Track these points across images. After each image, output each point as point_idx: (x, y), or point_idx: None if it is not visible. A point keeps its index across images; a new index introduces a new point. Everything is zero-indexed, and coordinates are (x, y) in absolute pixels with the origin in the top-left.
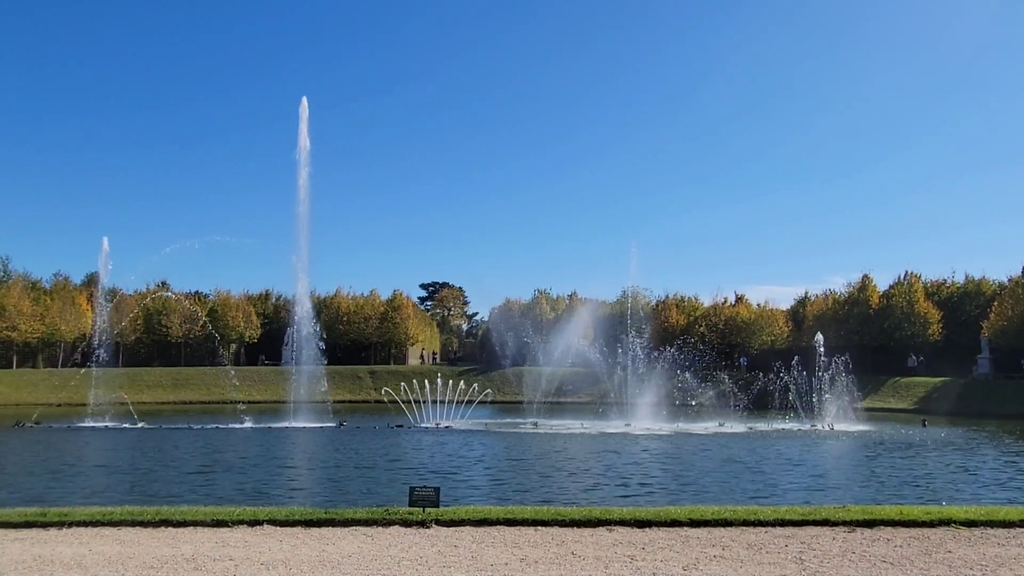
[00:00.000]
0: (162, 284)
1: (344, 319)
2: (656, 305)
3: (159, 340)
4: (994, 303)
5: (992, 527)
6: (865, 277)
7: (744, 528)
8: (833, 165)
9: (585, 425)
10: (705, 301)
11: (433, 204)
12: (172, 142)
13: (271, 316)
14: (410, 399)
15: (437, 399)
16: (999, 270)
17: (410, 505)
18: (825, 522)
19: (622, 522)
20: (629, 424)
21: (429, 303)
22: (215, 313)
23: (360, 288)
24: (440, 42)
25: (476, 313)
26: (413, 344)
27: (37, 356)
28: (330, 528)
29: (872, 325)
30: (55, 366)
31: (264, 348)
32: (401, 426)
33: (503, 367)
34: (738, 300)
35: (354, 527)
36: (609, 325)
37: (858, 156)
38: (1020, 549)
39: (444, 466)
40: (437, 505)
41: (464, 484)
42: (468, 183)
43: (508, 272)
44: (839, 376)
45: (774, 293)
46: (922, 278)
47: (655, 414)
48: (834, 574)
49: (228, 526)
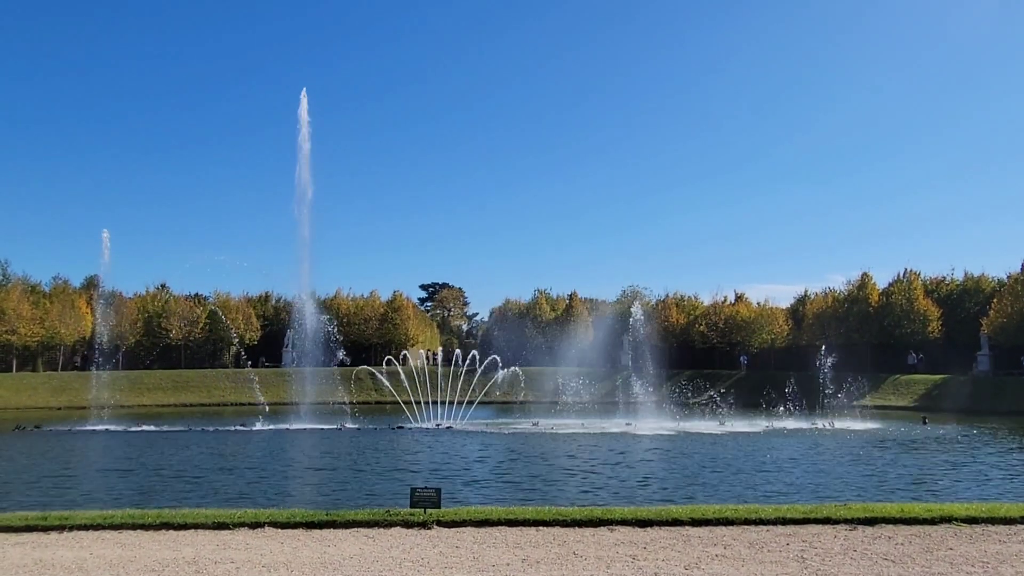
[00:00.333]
0: (162, 287)
1: (344, 320)
2: (656, 304)
3: (159, 343)
4: (993, 300)
5: (993, 524)
6: (865, 275)
7: (745, 527)
8: (832, 164)
9: (586, 425)
10: (705, 300)
11: (433, 205)
12: (172, 144)
13: (271, 318)
14: (411, 399)
15: (438, 399)
16: (998, 267)
17: (411, 506)
18: (826, 520)
19: (623, 522)
20: (630, 424)
21: (429, 304)
22: (215, 315)
23: (360, 289)
24: (440, 43)
25: (476, 313)
26: (413, 345)
27: (37, 360)
28: (331, 530)
29: (872, 323)
30: (55, 369)
31: (264, 350)
32: (402, 427)
33: (503, 367)
34: (738, 299)
35: (355, 528)
36: (609, 325)
37: (857, 155)
38: (1021, 546)
39: (445, 467)
40: (438, 506)
41: (465, 485)
42: (468, 184)
43: (508, 272)
44: (839, 374)
45: (774, 292)
46: (921, 276)
47: (656, 413)
48: (836, 572)
49: (229, 528)
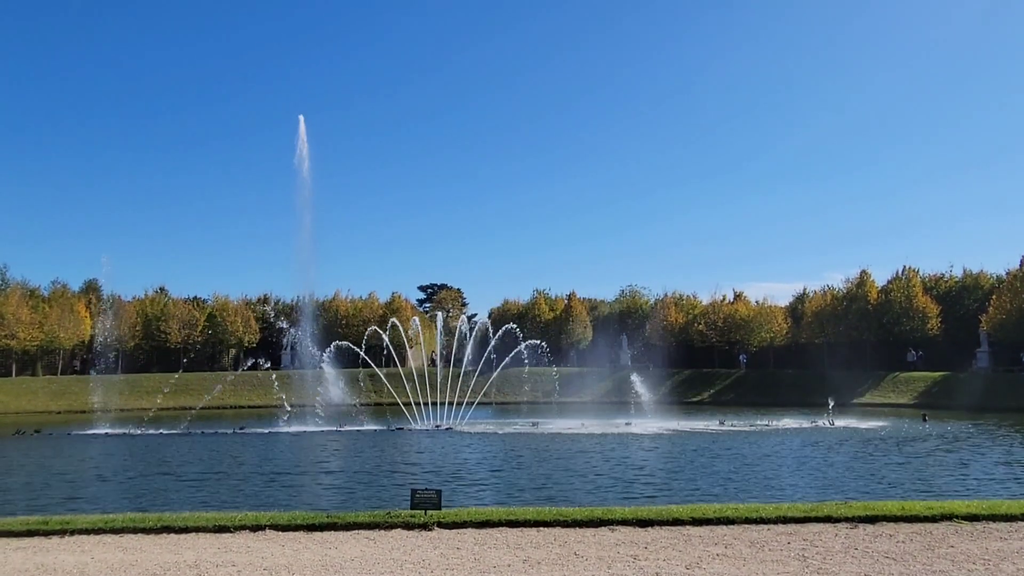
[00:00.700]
0: (160, 290)
1: (343, 322)
2: (655, 304)
3: (158, 346)
4: (992, 297)
5: (994, 521)
6: (863, 273)
7: (746, 526)
8: (829, 162)
9: (585, 425)
10: (704, 299)
11: (431, 206)
12: (170, 147)
13: (270, 320)
14: (410, 401)
15: (437, 400)
16: (997, 264)
17: (412, 508)
18: (827, 519)
19: (624, 522)
20: (630, 423)
21: (428, 305)
22: (214, 318)
23: (358, 291)
24: (437, 45)
25: (475, 314)
26: (413, 347)
27: (36, 364)
28: (332, 532)
29: (871, 320)
30: (54, 373)
31: (263, 353)
32: (401, 428)
33: (503, 368)
34: (736, 297)
35: (356, 531)
36: (608, 324)
37: (855, 154)
38: (1022, 543)
39: (445, 468)
40: (439, 507)
41: (465, 486)
42: (466, 184)
43: (506, 273)
44: (839, 372)
45: (772, 290)
46: (920, 273)
47: (656, 412)
48: (837, 571)
49: (230, 531)
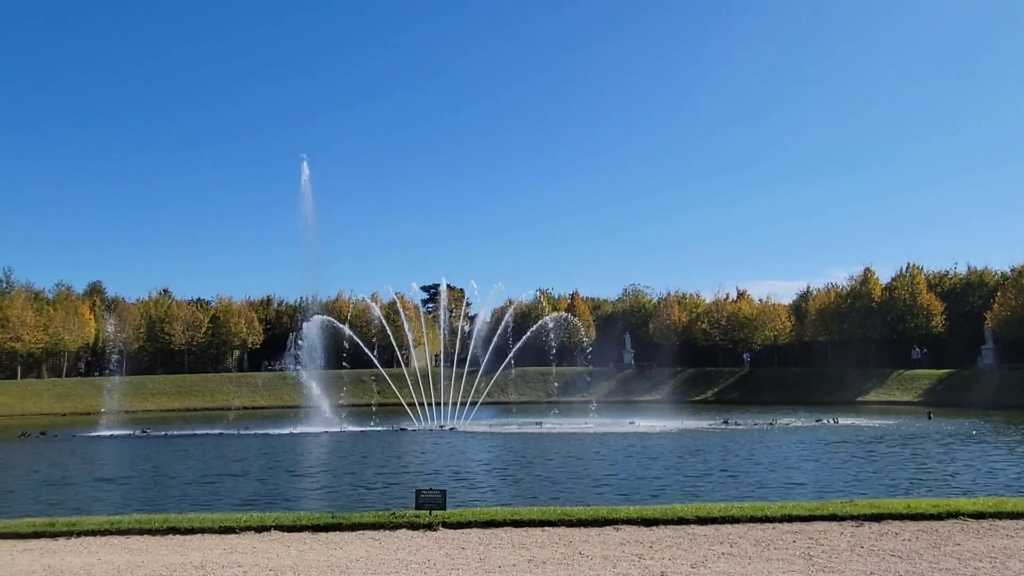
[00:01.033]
0: (164, 292)
1: (346, 323)
2: (658, 303)
3: (162, 348)
4: (997, 293)
5: (1000, 519)
6: (867, 270)
7: (751, 525)
8: (833, 162)
9: (589, 424)
10: (707, 298)
11: (434, 207)
12: (173, 149)
13: (273, 321)
14: (414, 401)
15: (441, 401)
16: (1002, 260)
17: (416, 508)
18: (832, 517)
19: (629, 521)
20: (634, 422)
21: (431, 305)
22: (217, 320)
23: (362, 292)
24: (440, 46)
25: (477, 314)
26: (416, 347)
27: (41, 366)
28: (337, 532)
29: (875, 318)
30: (59, 376)
31: (267, 354)
32: (405, 429)
33: (507, 368)
34: (740, 296)
35: (361, 531)
36: (611, 324)
37: (858, 153)
38: None
39: (449, 468)
40: (444, 507)
41: (470, 486)
42: (469, 185)
43: (510, 273)
44: (843, 370)
45: (776, 288)
46: (924, 270)
47: (659, 411)
48: (843, 569)
49: (235, 532)
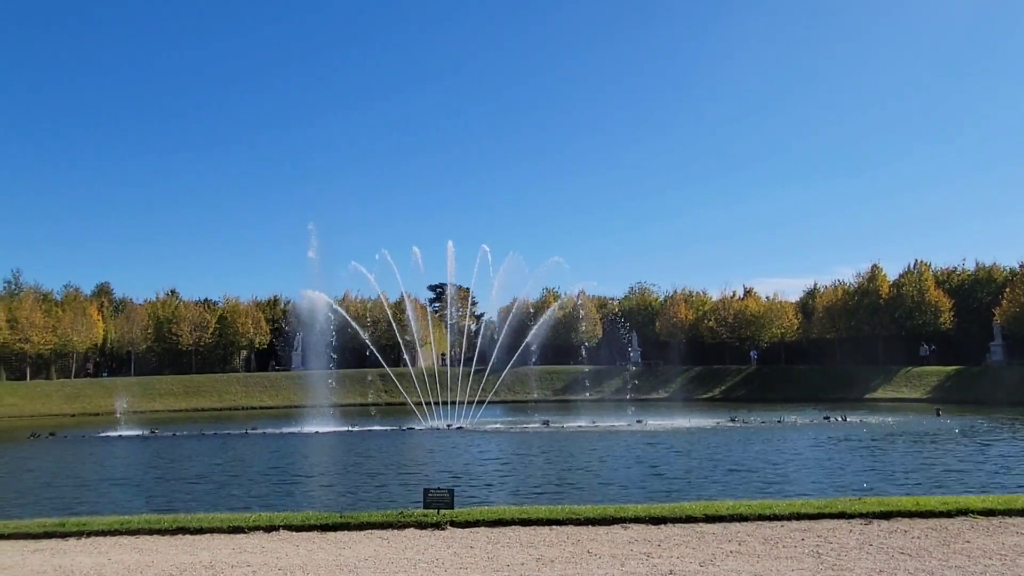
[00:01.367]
0: (171, 292)
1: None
2: (664, 301)
3: (170, 348)
4: (1006, 290)
5: (1010, 516)
6: (875, 267)
7: (760, 523)
8: (840, 160)
9: (596, 422)
10: (714, 295)
11: (439, 205)
12: (179, 150)
13: (280, 321)
14: (420, 400)
15: (448, 400)
16: (1010, 256)
17: (424, 507)
18: (841, 515)
19: (637, 519)
20: (641, 420)
21: (437, 304)
22: (225, 320)
23: (368, 291)
24: (444, 46)
25: (484, 313)
26: (423, 346)
27: (50, 367)
28: (346, 532)
29: (883, 315)
30: (68, 377)
31: (274, 354)
32: (412, 428)
33: (513, 367)
34: (747, 293)
35: (370, 530)
36: (617, 322)
37: (866, 150)
38: None
39: (457, 467)
40: (451, 506)
41: (477, 485)
42: (474, 184)
43: (515, 271)
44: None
45: (783, 285)
46: (932, 266)
47: (666, 409)
48: (852, 567)
49: (244, 532)
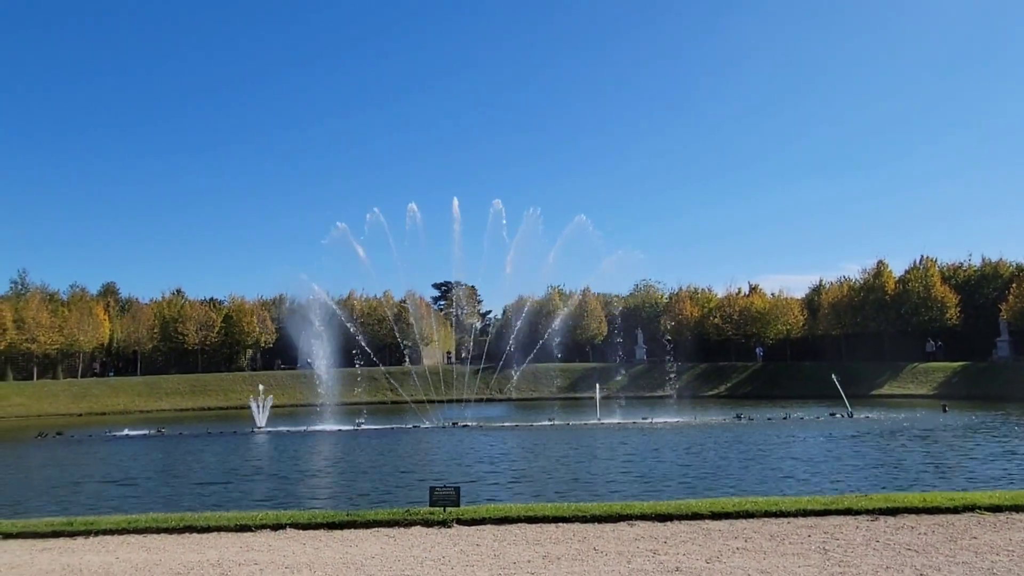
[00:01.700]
0: (177, 292)
1: (358, 321)
2: (670, 298)
3: (176, 348)
4: (1012, 285)
5: (1018, 512)
6: (880, 263)
7: (766, 519)
8: (846, 157)
9: (601, 420)
10: (719, 292)
11: (445, 203)
12: (185, 150)
13: (285, 320)
14: (426, 399)
15: (453, 398)
16: (1017, 252)
17: (431, 505)
18: (848, 511)
19: (643, 516)
20: (647, 418)
21: (442, 302)
22: (230, 319)
23: (373, 289)
24: (449, 47)
25: (490, 311)
26: (428, 344)
27: (57, 367)
28: (352, 530)
29: (889, 311)
30: (75, 376)
31: (279, 353)
32: (418, 426)
33: (518, 365)
34: (752, 290)
35: (376, 528)
36: (622, 319)
37: (872, 147)
38: None
39: (463, 465)
40: (458, 504)
41: (484, 482)
42: (476, 184)
43: (520, 269)
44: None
45: (788, 282)
46: (938, 262)
47: (672, 406)
48: (859, 563)
49: (251, 530)
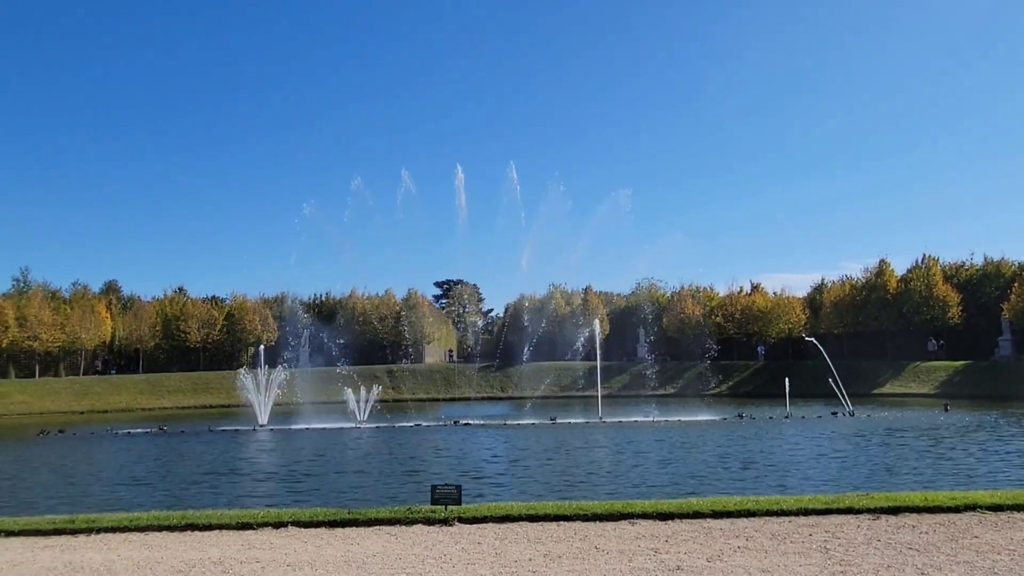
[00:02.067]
0: (179, 290)
1: (360, 319)
2: (671, 296)
3: (178, 346)
4: (1014, 284)
5: (1019, 511)
6: (882, 262)
7: (767, 518)
8: (848, 154)
9: (603, 418)
10: (721, 291)
11: (446, 202)
12: (187, 148)
13: (287, 318)
14: (427, 397)
15: (455, 396)
16: (1019, 251)
17: (432, 503)
18: (849, 510)
19: (644, 515)
20: (647, 416)
21: (444, 301)
22: (232, 317)
23: (375, 288)
24: (452, 41)
25: (491, 309)
26: (429, 342)
27: (59, 365)
28: (354, 528)
29: (890, 310)
30: (76, 374)
31: (281, 351)
32: (419, 424)
33: (520, 363)
34: (754, 289)
35: (378, 526)
36: (624, 318)
37: (873, 144)
38: None
39: (464, 463)
40: (459, 503)
41: (485, 481)
42: (479, 180)
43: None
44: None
45: (790, 281)
46: (940, 261)
47: (674, 405)
48: (860, 562)
49: (253, 528)
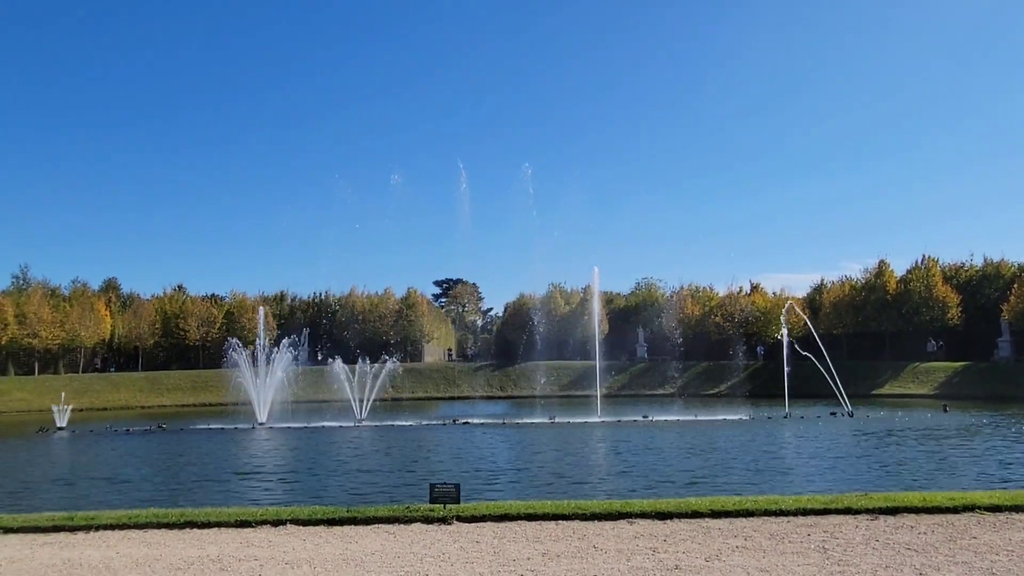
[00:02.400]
0: (179, 288)
1: (359, 318)
2: (671, 296)
3: (177, 343)
4: (1014, 285)
5: (1017, 512)
6: (882, 262)
7: (766, 518)
8: (847, 154)
9: (603, 418)
10: (720, 291)
11: (446, 201)
12: (187, 146)
13: (287, 317)
14: (426, 396)
15: (455, 395)
16: (1018, 252)
17: (431, 502)
18: (847, 510)
19: (643, 514)
20: (647, 415)
21: (443, 300)
22: (232, 315)
23: (374, 287)
24: (452, 41)
25: (491, 308)
26: (429, 341)
27: (58, 362)
28: (352, 526)
29: (890, 311)
30: (76, 372)
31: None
32: (419, 423)
33: (519, 362)
34: (753, 289)
35: (376, 525)
36: (624, 317)
37: (873, 145)
38: None
39: (463, 462)
40: (458, 501)
41: (484, 480)
42: (482, 179)
43: (521, 267)
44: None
45: (789, 281)
46: (940, 262)
47: (673, 404)
48: (859, 563)
49: (252, 526)
